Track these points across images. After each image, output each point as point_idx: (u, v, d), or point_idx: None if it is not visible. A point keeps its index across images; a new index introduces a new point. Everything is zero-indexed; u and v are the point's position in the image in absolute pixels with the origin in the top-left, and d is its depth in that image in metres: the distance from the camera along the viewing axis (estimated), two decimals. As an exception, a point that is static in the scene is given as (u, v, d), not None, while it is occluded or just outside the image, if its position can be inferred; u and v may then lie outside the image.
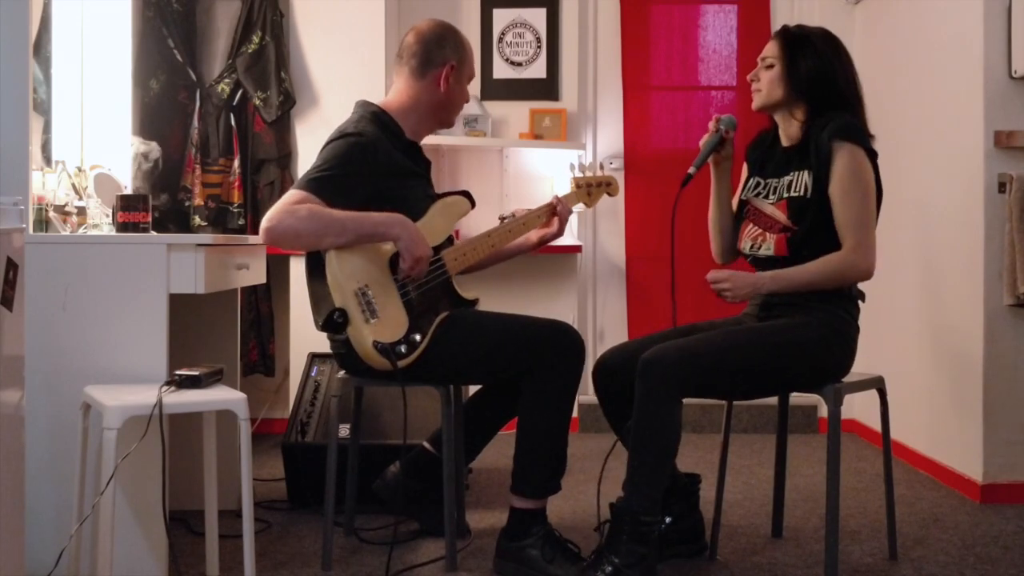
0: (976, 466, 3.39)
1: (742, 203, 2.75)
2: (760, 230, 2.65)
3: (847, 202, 2.50)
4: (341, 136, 2.60)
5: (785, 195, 2.60)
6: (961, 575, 2.63)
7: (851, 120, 2.56)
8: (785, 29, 2.69)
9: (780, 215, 2.60)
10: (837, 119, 2.54)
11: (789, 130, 2.67)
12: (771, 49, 2.66)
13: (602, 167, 3.12)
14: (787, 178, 2.62)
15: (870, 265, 2.52)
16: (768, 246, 2.61)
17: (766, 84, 2.64)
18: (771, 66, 2.64)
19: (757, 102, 2.68)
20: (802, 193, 2.56)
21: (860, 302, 2.63)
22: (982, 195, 3.35)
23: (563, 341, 2.61)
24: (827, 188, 2.52)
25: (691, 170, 2.67)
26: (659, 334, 2.68)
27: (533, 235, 2.89)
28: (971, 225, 3.42)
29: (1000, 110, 3.34)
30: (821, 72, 2.59)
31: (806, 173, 2.56)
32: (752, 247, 2.66)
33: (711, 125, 2.73)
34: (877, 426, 3.74)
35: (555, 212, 2.85)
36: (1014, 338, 3.35)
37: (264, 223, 2.45)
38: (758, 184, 2.71)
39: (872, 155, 2.56)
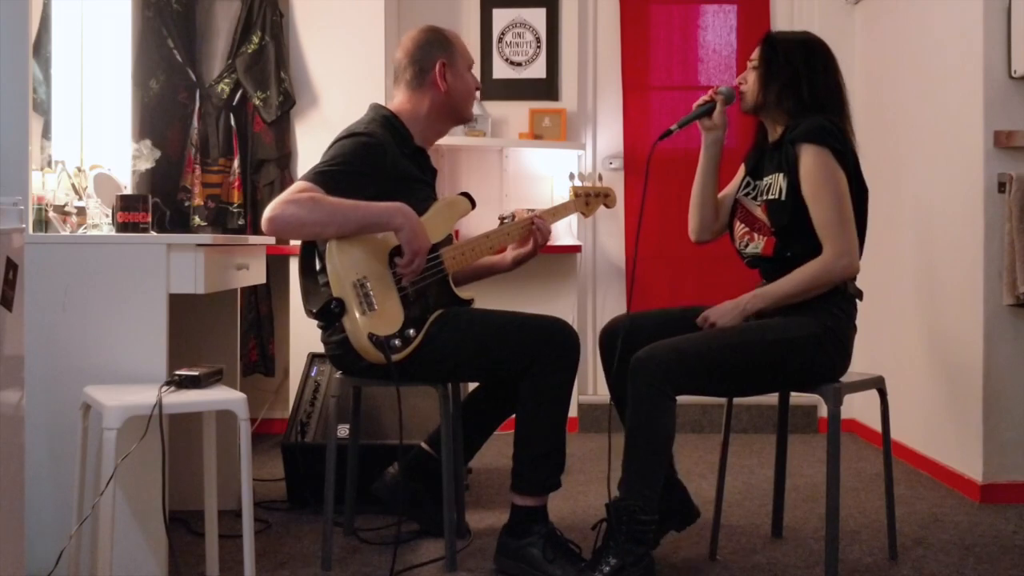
0: (976, 466, 3.39)
1: (735, 201, 2.78)
2: (748, 229, 2.70)
3: (819, 204, 2.53)
4: (351, 135, 2.61)
5: (765, 197, 2.64)
6: (961, 575, 2.63)
7: (823, 122, 2.56)
8: (768, 35, 2.73)
9: (763, 218, 2.64)
10: (808, 122, 2.56)
11: (774, 133, 2.72)
12: (756, 53, 2.72)
13: (600, 177, 3.14)
14: (767, 179, 2.65)
15: (851, 267, 2.54)
16: (757, 245, 2.65)
17: (751, 85, 2.70)
18: (756, 68, 2.69)
19: (745, 104, 2.73)
20: (777, 196, 2.59)
21: (858, 300, 2.63)
22: (982, 195, 3.35)
23: (559, 337, 2.61)
24: (799, 190, 2.56)
25: (673, 127, 2.71)
26: (660, 311, 2.76)
27: (509, 254, 2.90)
28: (971, 225, 3.42)
29: (1000, 110, 3.34)
30: (792, 80, 2.62)
31: (781, 176, 2.60)
32: (741, 245, 2.72)
33: (709, 93, 2.78)
34: (877, 426, 3.75)
35: (530, 232, 2.83)
36: (1014, 338, 3.35)
37: (267, 212, 2.44)
38: (747, 184, 2.75)
39: (842, 155, 2.55)
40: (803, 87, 2.62)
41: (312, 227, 2.47)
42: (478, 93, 2.92)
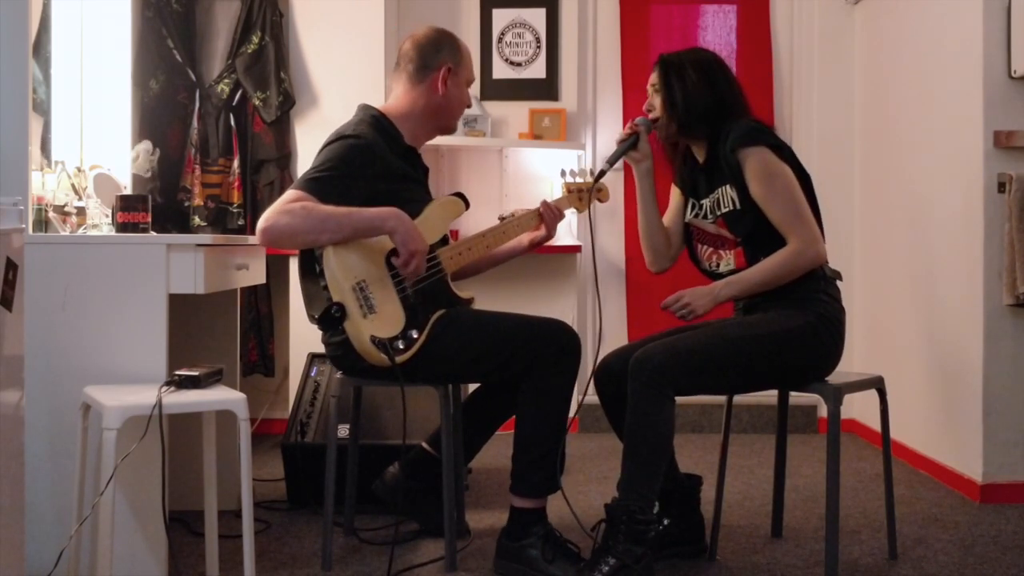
0: (976, 466, 3.39)
1: (686, 226, 2.81)
2: (712, 249, 2.71)
3: (773, 203, 2.55)
4: (340, 138, 2.61)
5: (719, 212, 2.65)
6: (961, 575, 2.63)
7: (747, 123, 2.61)
8: (661, 57, 2.73)
9: (725, 233, 2.65)
10: (735, 128, 2.59)
11: (699, 149, 2.73)
12: (653, 76, 2.73)
13: (591, 172, 3.14)
14: (714, 196, 2.67)
15: (819, 255, 2.56)
16: (728, 261, 2.67)
17: (660, 109, 2.70)
18: (659, 91, 2.71)
19: (662, 130, 2.73)
20: (732, 207, 2.61)
21: (838, 281, 2.65)
22: (982, 195, 3.35)
23: (560, 339, 2.61)
24: (750, 195, 2.57)
25: (604, 166, 2.77)
26: (659, 335, 2.69)
27: (524, 238, 2.91)
28: (971, 225, 3.42)
29: (1000, 110, 3.34)
30: (696, 89, 2.64)
31: (728, 187, 2.62)
32: (710, 266, 2.73)
33: (627, 127, 2.78)
34: (877, 426, 3.74)
35: (542, 217, 2.87)
36: (1013, 338, 3.35)
37: (260, 223, 2.44)
38: (694, 206, 2.77)
39: (779, 149, 2.59)
40: (709, 94, 2.64)
41: (306, 236, 2.47)
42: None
